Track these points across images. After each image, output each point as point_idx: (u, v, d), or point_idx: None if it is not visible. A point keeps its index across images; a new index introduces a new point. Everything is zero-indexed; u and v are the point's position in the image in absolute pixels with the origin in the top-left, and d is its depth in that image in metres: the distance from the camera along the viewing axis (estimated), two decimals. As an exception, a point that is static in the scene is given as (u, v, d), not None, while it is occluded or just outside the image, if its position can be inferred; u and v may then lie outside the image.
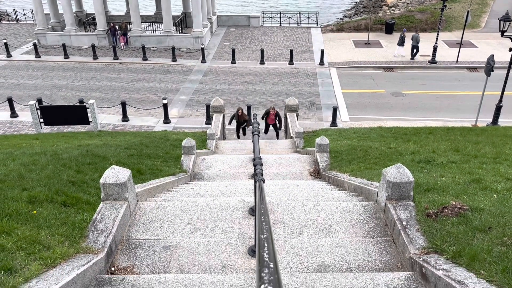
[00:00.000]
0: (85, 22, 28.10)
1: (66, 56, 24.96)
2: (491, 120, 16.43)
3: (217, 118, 15.17)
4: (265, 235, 1.37)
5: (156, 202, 4.94)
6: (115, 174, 4.33)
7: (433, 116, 17.82)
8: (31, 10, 30.49)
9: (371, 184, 5.43)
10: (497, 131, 11.89)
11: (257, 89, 21.08)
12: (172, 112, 18.43)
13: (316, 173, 8.87)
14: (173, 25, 26.31)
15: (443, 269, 3.18)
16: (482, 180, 4.99)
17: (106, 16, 27.38)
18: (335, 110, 16.74)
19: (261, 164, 3.65)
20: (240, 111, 14.27)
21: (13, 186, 4.74)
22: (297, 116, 15.52)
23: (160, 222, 4.52)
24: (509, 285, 2.73)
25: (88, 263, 3.35)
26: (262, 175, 3.41)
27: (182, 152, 8.95)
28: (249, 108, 17.20)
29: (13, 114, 17.93)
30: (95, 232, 3.94)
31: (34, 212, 4.07)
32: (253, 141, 3.99)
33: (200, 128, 16.83)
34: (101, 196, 4.47)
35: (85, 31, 27.38)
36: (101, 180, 4.37)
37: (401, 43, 23.94)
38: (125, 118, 17.55)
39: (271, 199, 5.21)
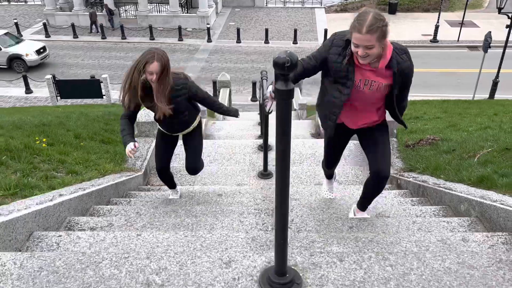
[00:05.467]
0: (93, 2, 28.68)
1: (75, 35, 25.66)
2: (488, 96, 17.08)
3: (224, 92, 15.97)
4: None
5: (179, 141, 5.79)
6: (147, 114, 5.17)
7: (433, 92, 18.48)
8: (40, -9, 31.07)
9: (363, 131, 6.26)
10: (489, 102, 12.61)
11: (261, 67, 21.76)
12: (180, 88, 19.19)
13: (317, 135, 9.68)
14: (179, 6, 26.87)
15: (413, 176, 4.03)
16: (458, 125, 5.80)
17: (114, -4, 27.93)
18: (337, 85, 17.44)
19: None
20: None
21: (58, 128, 5.59)
22: (300, 91, 16.32)
23: (184, 155, 5.37)
24: (458, 178, 3.57)
25: (132, 175, 4.22)
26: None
27: (195, 115, 9.77)
28: (254, 84, 17.93)
29: (28, 90, 18.75)
30: (133, 158, 4.80)
31: (82, 144, 4.94)
32: (261, 85, 4.69)
33: (207, 102, 17.59)
34: (134, 133, 5.32)
35: (94, 12, 27.97)
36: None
37: None
38: (135, 93, 18.35)
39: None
